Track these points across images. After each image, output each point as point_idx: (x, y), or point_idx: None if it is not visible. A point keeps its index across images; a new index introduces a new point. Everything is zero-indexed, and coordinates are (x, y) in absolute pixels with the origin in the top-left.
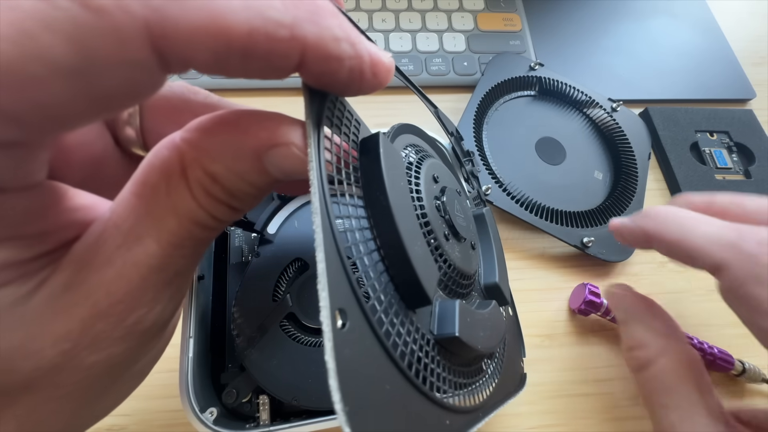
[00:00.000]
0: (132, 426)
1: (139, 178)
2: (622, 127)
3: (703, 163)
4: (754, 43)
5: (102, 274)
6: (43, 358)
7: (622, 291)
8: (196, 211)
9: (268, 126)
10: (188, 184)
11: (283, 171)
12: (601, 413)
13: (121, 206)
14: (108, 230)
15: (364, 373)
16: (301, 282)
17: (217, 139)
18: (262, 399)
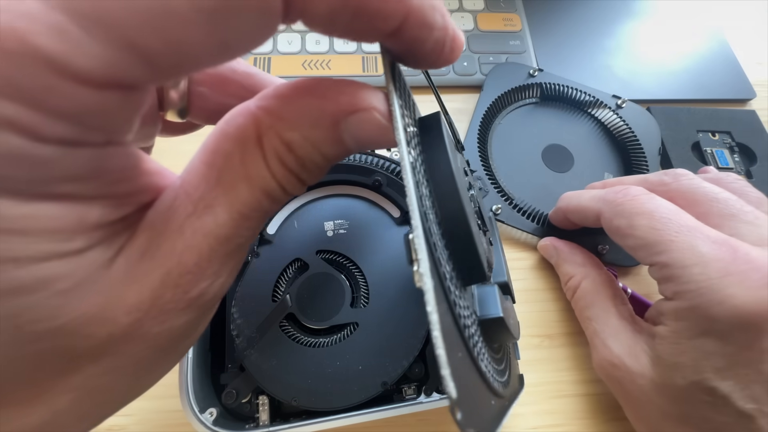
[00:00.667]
0: (132, 426)
1: (211, 146)
2: (629, 124)
3: (704, 162)
4: (754, 43)
5: (174, 243)
6: (116, 327)
7: (549, 242)
8: (269, 182)
9: (348, 91)
10: (263, 152)
11: (358, 139)
12: (601, 413)
13: (192, 174)
14: (179, 198)
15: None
16: (301, 282)
17: (296, 106)
18: (261, 399)
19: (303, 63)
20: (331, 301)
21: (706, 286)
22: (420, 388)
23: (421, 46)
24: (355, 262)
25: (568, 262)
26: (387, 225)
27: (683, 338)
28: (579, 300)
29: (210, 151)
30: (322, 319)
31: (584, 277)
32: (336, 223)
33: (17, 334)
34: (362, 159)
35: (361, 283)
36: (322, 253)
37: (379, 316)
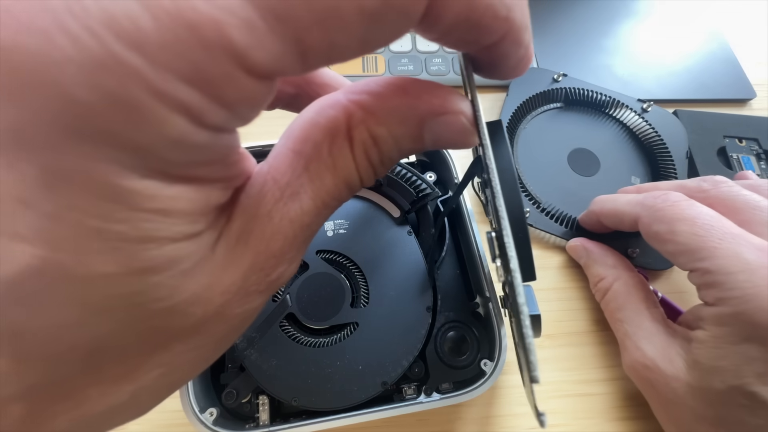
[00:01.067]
0: (132, 426)
1: (300, 134)
2: (655, 128)
3: (730, 168)
4: (754, 43)
5: (264, 229)
6: (211, 307)
7: (580, 242)
8: (352, 173)
9: (439, 94)
10: (352, 144)
11: (438, 139)
12: (602, 413)
13: (279, 160)
14: (267, 184)
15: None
16: (301, 282)
17: (388, 103)
18: (261, 399)
19: None
20: (331, 301)
21: (752, 293)
22: (420, 388)
23: (506, 61)
24: (355, 262)
25: (599, 264)
26: (387, 225)
27: (725, 343)
28: (610, 302)
29: (299, 139)
30: (322, 319)
31: (616, 279)
32: (336, 223)
33: (135, 312)
34: None
35: (361, 282)
36: (322, 252)
37: (379, 316)
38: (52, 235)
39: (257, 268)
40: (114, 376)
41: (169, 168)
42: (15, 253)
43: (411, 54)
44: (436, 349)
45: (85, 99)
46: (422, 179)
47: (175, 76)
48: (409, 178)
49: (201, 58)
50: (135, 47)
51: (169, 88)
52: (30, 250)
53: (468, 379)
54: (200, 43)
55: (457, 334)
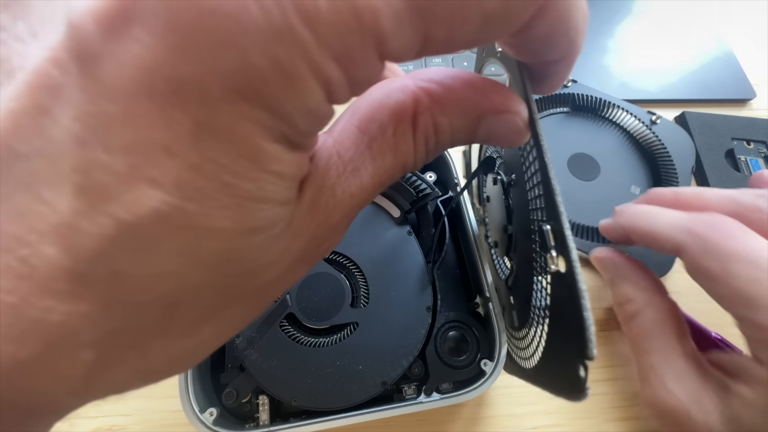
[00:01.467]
0: (132, 426)
1: (366, 113)
2: (662, 140)
3: (737, 170)
4: (754, 44)
5: (327, 201)
6: (279, 271)
7: (609, 254)
8: (409, 157)
9: (501, 92)
10: (415, 130)
11: (492, 135)
12: (601, 413)
13: (343, 135)
14: (332, 158)
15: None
16: (301, 282)
17: (455, 95)
18: (261, 399)
19: None
20: (331, 301)
21: None
22: (420, 388)
23: (552, 78)
24: (355, 262)
25: (629, 283)
26: (387, 225)
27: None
28: (637, 329)
29: (365, 117)
30: (322, 319)
31: (647, 305)
32: None
33: (225, 269)
34: None
35: (360, 282)
36: None
37: (379, 316)
38: (187, 184)
39: (316, 237)
40: (180, 330)
41: (294, 135)
42: (145, 197)
43: None
44: (436, 349)
45: (258, 64)
46: (422, 179)
47: (330, 54)
48: (409, 178)
49: (354, 41)
50: (309, 24)
51: (323, 63)
52: (161, 196)
53: (468, 379)
54: (359, 27)
55: (457, 334)
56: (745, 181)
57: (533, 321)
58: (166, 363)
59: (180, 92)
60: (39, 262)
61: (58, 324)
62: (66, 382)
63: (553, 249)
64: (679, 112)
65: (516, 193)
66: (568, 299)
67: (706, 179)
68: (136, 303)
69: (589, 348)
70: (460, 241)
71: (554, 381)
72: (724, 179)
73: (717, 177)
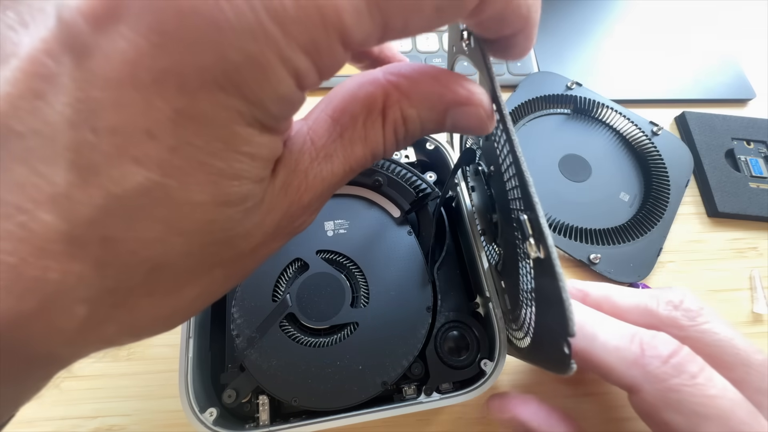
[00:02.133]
0: (132, 426)
1: (339, 104)
2: (660, 152)
3: (737, 170)
4: (754, 44)
5: (300, 183)
6: (252, 243)
7: (504, 407)
8: (378, 146)
9: (464, 86)
10: (384, 121)
11: (458, 126)
12: (601, 413)
13: (318, 124)
14: (306, 144)
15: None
16: (301, 282)
17: (421, 89)
18: (261, 399)
19: None
20: (331, 300)
21: None
22: (420, 388)
23: (514, 48)
24: (355, 262)
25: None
26: (387, 225)
27: None
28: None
29: (338, 108)
30: (322, 318)
31: None
32: (336, 223)
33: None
34: None
35: (361, 282)
36: (322, 252)
37: (379, 315)
38: (167, 163)
39: (288, 215)
40: (164, 290)
41: (267, 119)
42: (132, 174)
43: (411, 54)
44: (436, 349)
45: (233, 58)
46: (422, 179)
47: (298, 46)
48: (409, 178)
49: (319, 34)
50: (277, 21)
51: (291, 55)
52: (144, 173)
53: (468, 379)
54: (322, 22)
55: (457, 334)
56: (746, 182)
57: (523, 303)
58: (151, 320)
59: (161, 83)
60: (37, 226)
61: (55, 282)
62: (62, 334)
63: (531, 237)
64: (679, 112)
65: (496, 184)
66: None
67: (707, 179)
68: (124, 264)
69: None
70: (460, 241)
71: (545, 357)
72: (725, 179)
73: (717, 177)
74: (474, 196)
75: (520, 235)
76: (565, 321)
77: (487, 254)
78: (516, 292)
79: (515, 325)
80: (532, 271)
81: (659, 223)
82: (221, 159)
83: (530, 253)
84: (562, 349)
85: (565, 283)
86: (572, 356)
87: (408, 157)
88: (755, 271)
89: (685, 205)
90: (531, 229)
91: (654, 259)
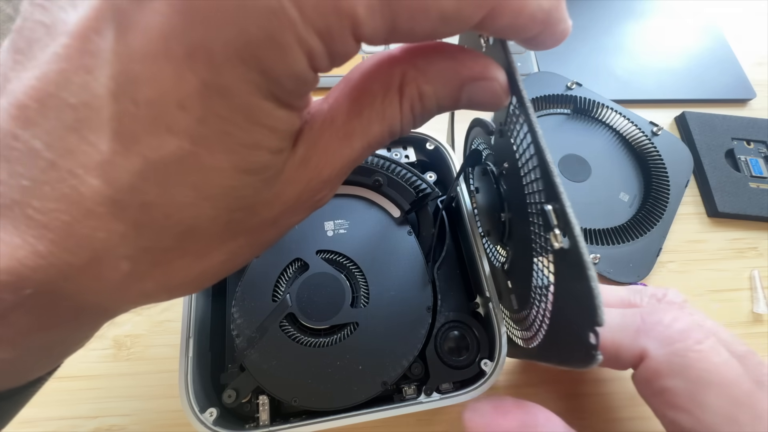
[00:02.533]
0: (132, 426)
1: (358, 84)
2: (660, 152)
3: (737, 170)
4: (754, 43)
5: (320, 158)
6: (273, 213)
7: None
8: (396, 122)
9: (479, 61)
10: (401, 98)
11: (473, 101)
12: (601, 413)
13: (337, 102)
14: (326, 122)
15: None
16: (301, 282)
17: (437, 66)
18: (261, 399)
19: None
20: (331, 300)
21: None
22: (420, 388)
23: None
24: (355, 262)
25: None
26: (387, 225)
27: None
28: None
29: (356, 87)
30: (322, 318)
31: None
32: (336, 223)
33: (228, 202)
34: None
35: (361, 283)
36: (322, 252)
37: (379, 315)
38: (197, 132)
39: (309, 188)
40: (195, 254)
41: (283, 95)
42: (165, 142)
43: None
44: (436, 349)
45: (255, 34)
46: (422, 179)
47: (313, 30)
48: (409, 178)
49: (333, 21)
50: (297, 4)
51: (306, 37)
52: (176, 142)
53: (468, 379)
54: (336, 10)
55: (457, 334)
56: (746, 182)
57: (534, 300)
58: (183, 280)
59: (191, 56)
60: (86, 190)
61: (102, 240)
62: (108, 286)
63: (556, 227)
64: (679, 112)
65: (509, 181)
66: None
67: (707, 179)
68: (160, 227)
69: (599, 315)
70: (460, 241)
71: (563, 353)
72: (725, 179)
73: (717, 177)
74: (478, 197)
75: (537, 229)
76: (593, 310)
77: (490, 255)
78: (526, 291)
79: (522, 324)
80: (550, 264)
81: (659, 223)
82: (242, 129)
83: (554, 245)
84: (587, 340)
85: (593, 272)
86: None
87: (408, 157)
88: (755, 271)
89: (685, 205)
90: (556, 219)
91: (653, 259)
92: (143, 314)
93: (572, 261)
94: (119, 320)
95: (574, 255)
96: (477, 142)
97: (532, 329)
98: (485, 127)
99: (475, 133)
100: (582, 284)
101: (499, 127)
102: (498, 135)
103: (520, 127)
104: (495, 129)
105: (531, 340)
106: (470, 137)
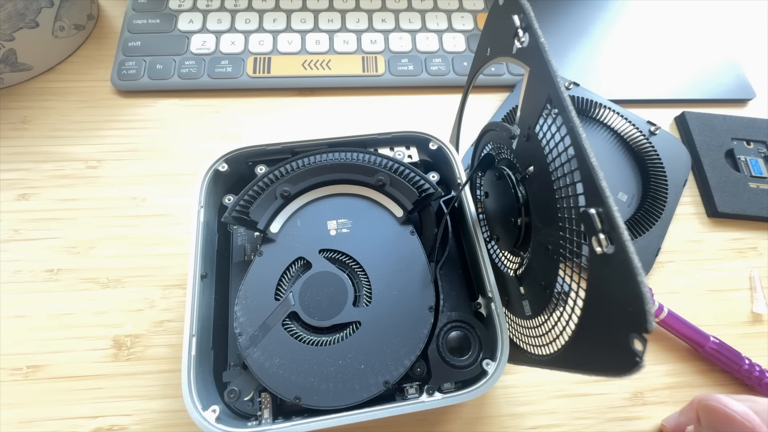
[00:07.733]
0: (132, 426)
1: None
2: (657, 152)
3: (737, 170)
4: (754, 44)
5: None
6: None
7: None
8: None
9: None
10: None
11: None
12: (601, 413)
13: None
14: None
15: None
16: (304, 281)
17: None
18: (264, 397)
19: (303, 63)
20: (333, 299)
21: None
22: (422, 388)
23: None
24: (358, 261)
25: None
26: (390, 224)
27: None
28: None
29: None
30: (324, 317)
31: None
32: (339, 223)
33: None
34: (365, 158)
35: (363, 282)
36: (325, 252)
37: (382, 315)
38: None
39: None
40: None
41: None
42: None
43: (411, 54)
44: (438, 349)
45: None
46: (425, 179)
47: None
48: (412, 178)
49: None
50: None
51: None
52: None
53: (470, 379)
54: None
55: (459, 334)
56: (746, 182)
57: (556, 306)
58: None
59: None
60: None
61: None
62: None
63: (601, 232)
64: (679, 112)
65: (534, 185)
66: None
67: (706, 179)
68: None
69: (649, 321)
70: (463, 241)
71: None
72: (725, 179)
73: (717, 177)
74: (486, 202)
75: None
76: (642, 315)
77: (496, 260)
78: (543, 297)
79: (536, 331)
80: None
81: (657, 222)
82: None
83: (596, 249)
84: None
85: (644, 277)
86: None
87: (411, 156)
88: (755, 271)
89: (685, 205)
90: (600, 223)
91: (652, 258)
92: (143, 314)
93: (618, 266)
94: (119, 320)
95: (620, 260)
96: (490, 147)
97: (550, 335)
98: (507, 132)
99: (489, 137)
100: (629, 289)
101: (526, 131)
102: (524, 139)
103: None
104: (519, 133)
105: (547, 347)
106: (482, 142)
